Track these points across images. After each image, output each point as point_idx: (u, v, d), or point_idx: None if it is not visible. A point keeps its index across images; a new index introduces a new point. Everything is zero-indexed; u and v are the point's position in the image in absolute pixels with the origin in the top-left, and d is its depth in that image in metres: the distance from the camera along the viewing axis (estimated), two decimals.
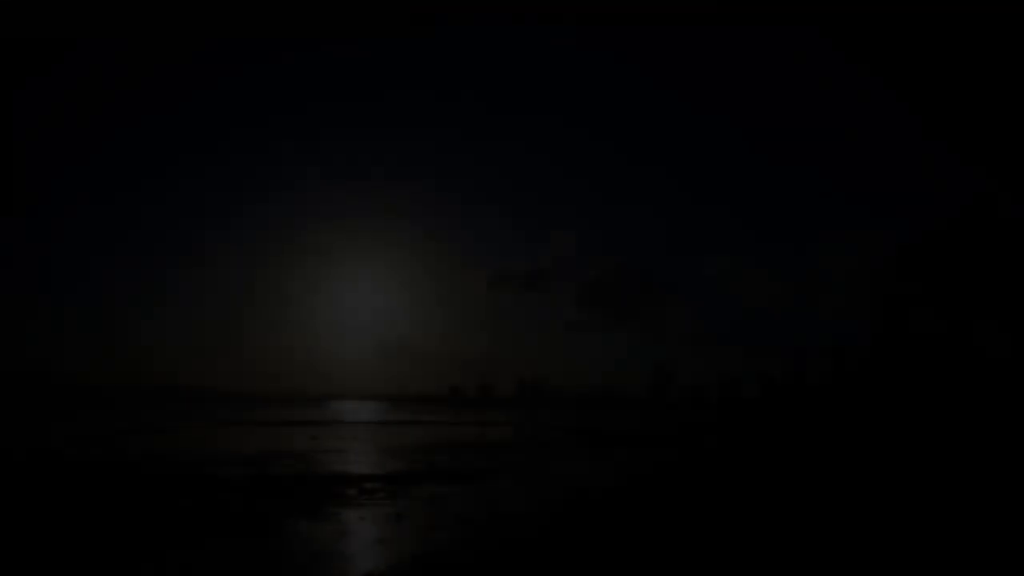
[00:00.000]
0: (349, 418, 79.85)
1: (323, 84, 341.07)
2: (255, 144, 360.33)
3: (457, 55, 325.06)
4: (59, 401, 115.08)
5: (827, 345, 60.23)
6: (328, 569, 9.68)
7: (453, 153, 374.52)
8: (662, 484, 20.31)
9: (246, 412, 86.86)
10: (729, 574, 9.16)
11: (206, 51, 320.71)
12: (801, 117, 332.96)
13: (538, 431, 59.82)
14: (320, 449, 31.82)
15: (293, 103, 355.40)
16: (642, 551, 10.54)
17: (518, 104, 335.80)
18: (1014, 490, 15.87)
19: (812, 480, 19.59)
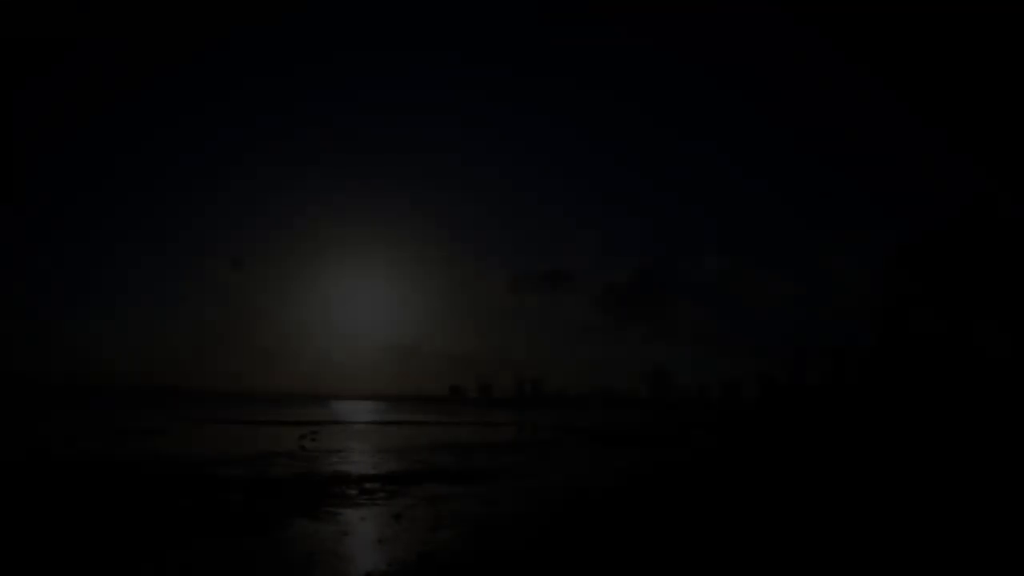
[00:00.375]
0: (350, 418, 79.81)
1: (334, 77, 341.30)
2: (264, 142, 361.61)
3: (474, 53, 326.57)
4: (57, 401, 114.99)
5: (827, 345, 60.12)
6: (328, 569, 9.68)
7: (474, 154, 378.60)
8: (662, 485, 20.30)
9: (247, 412, 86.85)
10: (730, 574, 9.15)
11: (207, 50, 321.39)
12: (800, 118, 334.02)
13: (538, 431, 59.80)
14: (320, 449, 31.81)
15: (302, 99, 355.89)
16: (643, 552, 10.54)
17: (537, 103, 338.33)
18: (1014, 490, 15.86)
19: (812, 481, 19.58)
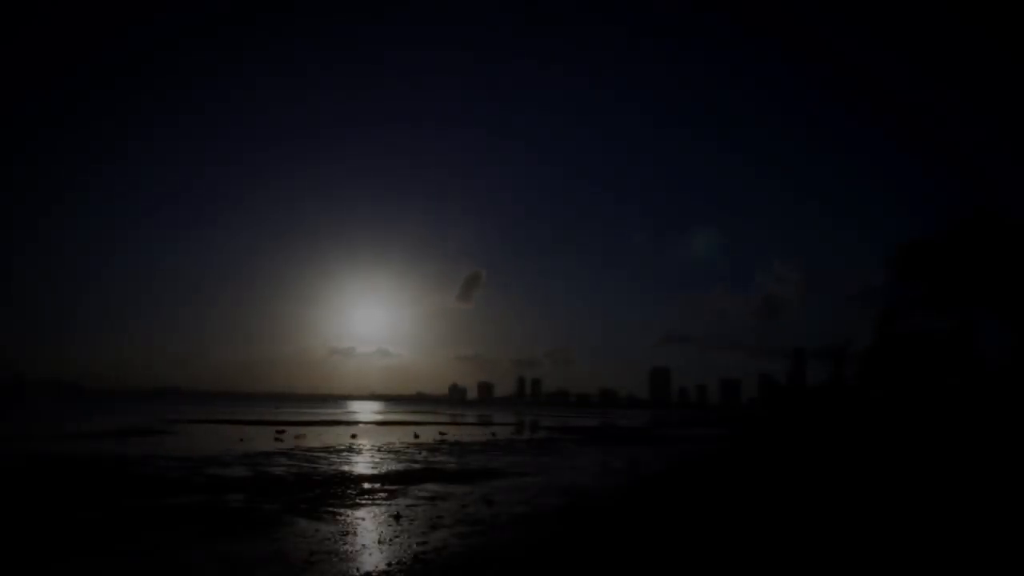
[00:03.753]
0: (352, 418, 79.78)
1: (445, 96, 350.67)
2: (290, 145, 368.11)
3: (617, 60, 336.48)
4: (59, 401, 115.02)
5: (827, 345, 60.06)
6: (328, 569, 9.68)
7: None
8: (662, 485, 20.30)
9: (247, 412, 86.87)
10: (731, 574, 9.15)
11: (219, 39, 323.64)
12: (801, 120, 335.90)
13: (538, 431, 59.80)
14: (321, 448, 31.80)
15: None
16: (643, 553, 10.53)
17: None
18: (1014, 493, 15.85)
19: (812, 481, 19.57)
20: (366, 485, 18.89)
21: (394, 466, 24.75)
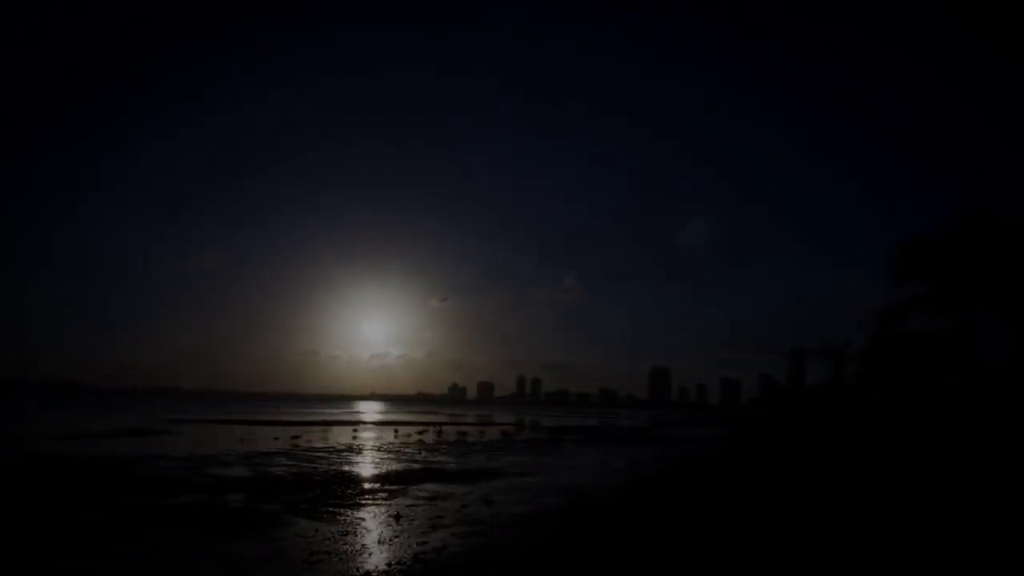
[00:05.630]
0: (352, 417, 79.76)
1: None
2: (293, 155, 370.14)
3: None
4: (59, 401, 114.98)
5: (827, 345, 60.02)
6: (328, 569, 9.68)
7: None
8: (663, 485, 20.29)
9: (246, 412, 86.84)
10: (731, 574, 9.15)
11: (222, 41, 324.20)
12: (801, 120, 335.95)
13: (537, 431, 59.82)
14: (322, 448, 31.80)
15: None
16: (645, 552, 10.53)
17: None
18: (1014, 493, 15.85)
19: (812, 481, 19.57)
20: (366, 485, 18.90)
21: (394, 466, 24.75)
